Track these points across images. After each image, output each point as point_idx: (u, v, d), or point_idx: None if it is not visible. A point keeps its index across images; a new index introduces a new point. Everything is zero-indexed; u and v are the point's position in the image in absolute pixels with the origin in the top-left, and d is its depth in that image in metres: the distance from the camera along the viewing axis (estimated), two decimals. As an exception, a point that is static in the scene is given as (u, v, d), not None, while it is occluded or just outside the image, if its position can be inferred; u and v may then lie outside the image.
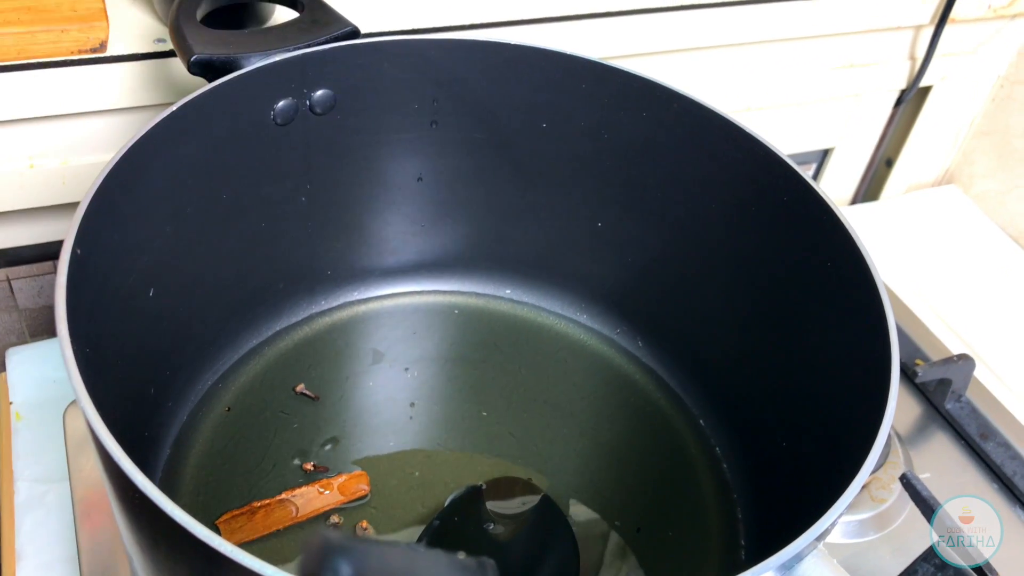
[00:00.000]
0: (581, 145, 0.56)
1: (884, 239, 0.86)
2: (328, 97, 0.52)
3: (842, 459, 0.39)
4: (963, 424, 0.67)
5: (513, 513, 0.52)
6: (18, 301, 0.65)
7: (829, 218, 0.46)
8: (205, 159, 0.49)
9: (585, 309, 0.64)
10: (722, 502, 0.55)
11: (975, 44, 0.83)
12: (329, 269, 0.61)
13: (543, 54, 0.53)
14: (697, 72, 0.73)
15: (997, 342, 0.77)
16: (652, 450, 0.57)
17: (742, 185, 0.51)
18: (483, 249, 0.63)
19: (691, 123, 0.52)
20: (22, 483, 0.55)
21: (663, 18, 0.66)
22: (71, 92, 0.54)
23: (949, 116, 0.89)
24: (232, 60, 0.48)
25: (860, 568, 0.57)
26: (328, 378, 0.58)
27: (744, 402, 0.56)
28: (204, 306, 0.53)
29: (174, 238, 0.48)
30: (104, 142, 0.58)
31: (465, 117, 0.56)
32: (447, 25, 0.61)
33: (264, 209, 0.54)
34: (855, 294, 0.44)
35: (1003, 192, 0.89)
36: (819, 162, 0.89)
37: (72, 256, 0.38)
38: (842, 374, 0.45)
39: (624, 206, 0.58)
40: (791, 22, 0.72)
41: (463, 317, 0.63)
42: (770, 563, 0.31)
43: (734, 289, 0.54)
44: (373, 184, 0.58)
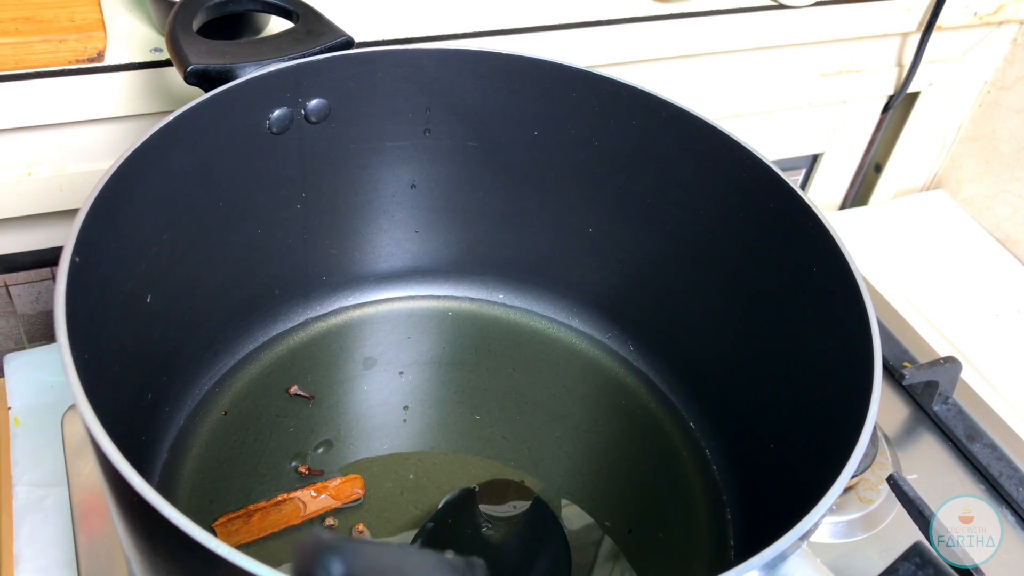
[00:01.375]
0: (572, 153, 0.57)
1: (873, 244, 0.87)
2: (323, 106, 0.53)
3: (827, 460, 0.40)
4: (950, 426, 0.67)
5: (506, 515, 0.52)
6: (16, 307, 0.66)
7: (814, 224, 0.47)
8: (201, 167, 0.49)
9: (577, 314, 0.64)
10: (712, 503, 0.55)
11: (962, 51, 0.84)
12: (324, 275, 0.61)
13: (534, 63, 0.54)
14: (687, 79, 0.74)
15: (984, 345, 0.78)
16: (643, 452, 0.58)
17: (729, 192, 0.52)
18: (476, 255, 0.64)
19: (679, 131, 0.52)
20: (20, 487, 0.56)
21: (652, 27, 0.67)
22: (68, 101, 0.55)
23: (937, 122, 0.90)
24: (228, 70, 0.49)
25: (848, 568, 0.58)
26: (323, 382, 0.59)
27: (733, 405, 0.56)
28: (201, 312, 0.54)
29: (171, 245, 0.49)
30: (101, 150, 0.59)
31: (458, 125, 0.57)
32: (440, 34, 0.62)
33: (260, 216, 0.55)
34: (840, 298, 0.45)
35: (990, 196, 0.90)
36: (808, 167, 0.90)
37: (71, 263, 0.38)
38: (828, 376, 0.46)
39: (614, 212, 0.58)
40: (779, 30, 0.73)
41: (456, 322, 0.64)
42: (753, 563, 0.32)
43: (723, 294, 0.55)
44: (367, 191, 0.59)
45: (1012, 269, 0.87)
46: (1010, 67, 0.86)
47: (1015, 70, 0.85)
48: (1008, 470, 0.65)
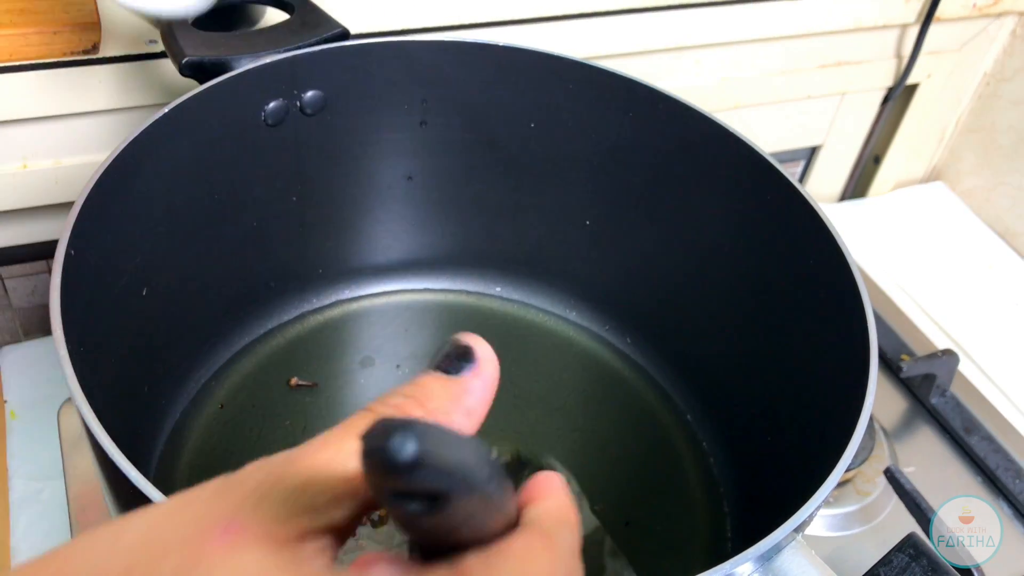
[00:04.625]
0: (568, 144, 0.57)
1: (872, 236, 0.87)
2: (318, 98, 0.52)
3: (824, 452, 0.40)
4: (948, 418, 0.68)
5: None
6: (12, 300, 0.66)
7: (811, 216, 0.46)
8: (197, 160, 0.49)
9: (574, 306, 0.64)
10: (709, 496, 0.55)
11: (961, 42, 0.84)
12: (320, 268, 0.61)
13: (530, 55, 0.54)
14: (685, 71, 0.74)
15: (982, 337, 0.78)
16: (640, 445, 0.58)
17: (726, 184, 0.52)
18: (473, 247, 0.64)
19: (676, 123, 0.52)
20: (17, 480, 0.56)
21: (650, 18, 0.67)
22: (63, 93, 0.55)
23: (936, 113, 0.90)
24: (223, 62, 0.48)
25: (845, 560, 0.58)
26: (319, 375, 0.59)
27: (730, 397, 0.56)
28: (197, 305, 0.54)
29: (167, 238, 0.49)
30: (96, 143, 0.58)
31: (454, 117, 0.57)
32: (436, 26, 0.62)
33: (255, 209, 0.55)
34: (836, 289, 0.45)
35: (989, 188, 0.90)
36: (807, 159, 0.90)
37: (66, 256, 0.38)
38: (824, 368, 0.46)
39: (611, 205, 0.58)
40: (778, 21, 0.72)
41: (453, 315, 0.64)
42: (748, 554, 0.32)
43: (720, 286, 0.55)
44: (363, 184, 0.58)
45: (1011, 261, 0.87)
46: (1009, 58, 0.86)
47: (1014, 61, 0.85)
48: (1005, 463, 0.65)
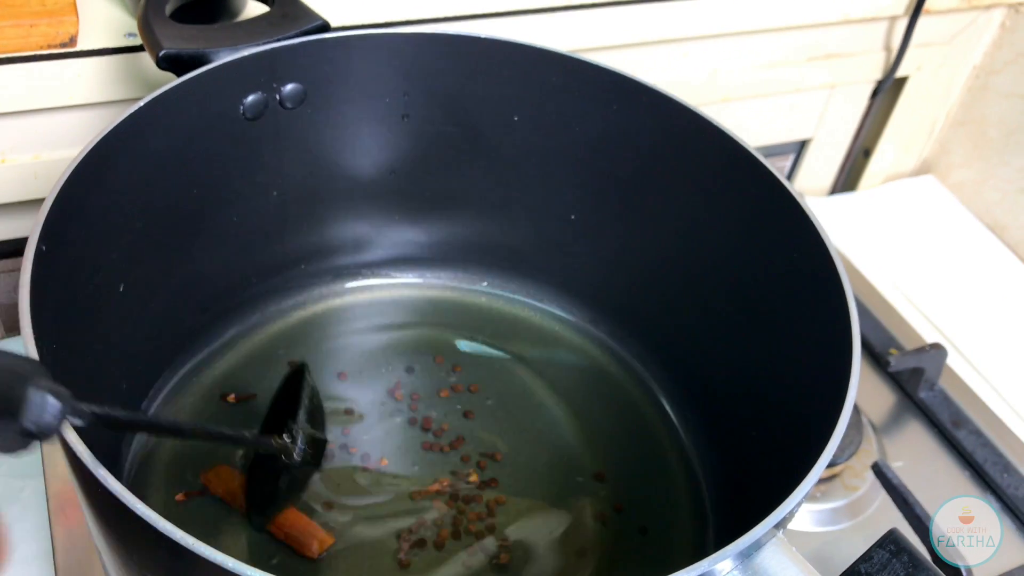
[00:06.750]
0: (552, 138, 0.56)
1: (862, 229, 0.86)
2: (298, 91, 0.52)
3: (807, 447, 0.39)
4: (936, 412, 0.67)
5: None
6: (-7, 297, 0.65)
7: (794, 210, 0.46)
8: (175, 154, 0.49)
9: (559, 300, 0.64)
10: (692, 492, 0.55)
11: (950, 35, 0.84)
12: (303, 263, 0.61)
13: (514, 47, 0.53)
14: (672, 64, 0.73)
15: (971, 331, 0.78)
16: (624, 441, 0.57)
17: (711, 177, 0.51)
18: (458, 241, 0.63)
19: (660, 116, 0.52)
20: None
21: (635, 10, 0.67)
22: (41, 87, 0.54)
23: (925, 106, 0.89)
24: (201, 54, 0.48)
25: (833, 556, 0.58)
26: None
27: (715, 392, 0.56)
28: (175, 301, 0.53)
29: (144, 233, 0.48)
30: (76, 137, 0.58)
31: (437, 110, 0.56)
32: (418, 18, 0.61)
33: (236, 203, 0.54)
34: (820, 281, 0.44)
35: (979, 182, 0.90)
36: (797, 153, 0.89)
37: (36, 252, 0.38)
38: (809, 361, 0.46)
39: (596, 198, 0.58)
40: (767, 14, 0.72)
41: (439, 309, 0.64)
42: (727, 551, 0.32)
43: (705, 280, 0.55)
44: (345, 178, 0.58)
45: (1000, 255, 0.86)
46: (999, 51, 0.85)
47: (1004, 54, 0.85)
48: (993, 456, 0.65)
